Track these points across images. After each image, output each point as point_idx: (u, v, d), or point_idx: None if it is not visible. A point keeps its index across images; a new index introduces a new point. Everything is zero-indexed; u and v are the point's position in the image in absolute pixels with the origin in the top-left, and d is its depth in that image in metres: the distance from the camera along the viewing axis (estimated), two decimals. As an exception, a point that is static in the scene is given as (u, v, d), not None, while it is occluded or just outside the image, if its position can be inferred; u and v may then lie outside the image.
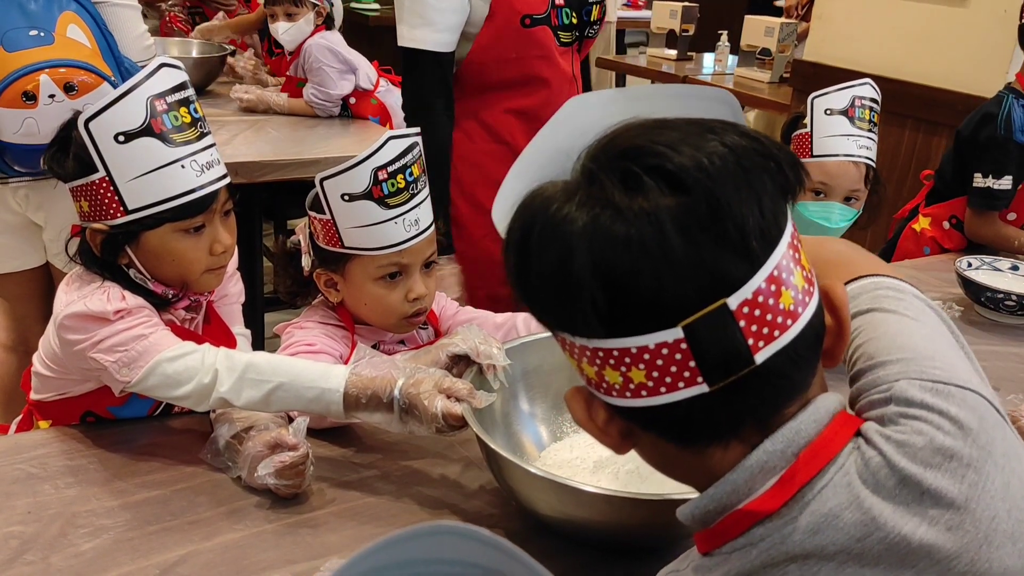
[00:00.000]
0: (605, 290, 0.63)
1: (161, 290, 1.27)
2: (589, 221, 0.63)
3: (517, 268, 0.69)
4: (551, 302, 0.68)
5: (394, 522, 1.15)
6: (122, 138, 1.17)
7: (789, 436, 0.66)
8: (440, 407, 1.11)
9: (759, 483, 0.67)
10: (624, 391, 0.67)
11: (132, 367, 1.18)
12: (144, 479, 1.20)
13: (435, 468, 1.27)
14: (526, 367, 1.29)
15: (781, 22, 4.27)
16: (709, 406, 0.65)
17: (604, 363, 0.66)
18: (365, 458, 1.28)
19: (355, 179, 1.31)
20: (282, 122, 3.12)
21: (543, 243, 0.66)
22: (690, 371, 0.63)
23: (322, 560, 1.07)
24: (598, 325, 0.64)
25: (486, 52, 1.96)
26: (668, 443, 0.69)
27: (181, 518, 1.13)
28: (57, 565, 1.04)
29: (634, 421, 0.69)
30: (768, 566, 0.65)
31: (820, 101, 2.00)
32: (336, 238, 1.36)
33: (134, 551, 1.07)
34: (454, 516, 1.17)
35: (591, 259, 0.63)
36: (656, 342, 0.63)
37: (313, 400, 1.16)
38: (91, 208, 1.21)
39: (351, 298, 1.43)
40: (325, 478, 1.23)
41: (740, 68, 4.45)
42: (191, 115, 1.22)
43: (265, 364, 1.18)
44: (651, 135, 0.65)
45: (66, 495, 1.16)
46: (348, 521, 1.15)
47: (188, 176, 1.21)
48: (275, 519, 1.14)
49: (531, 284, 0.68)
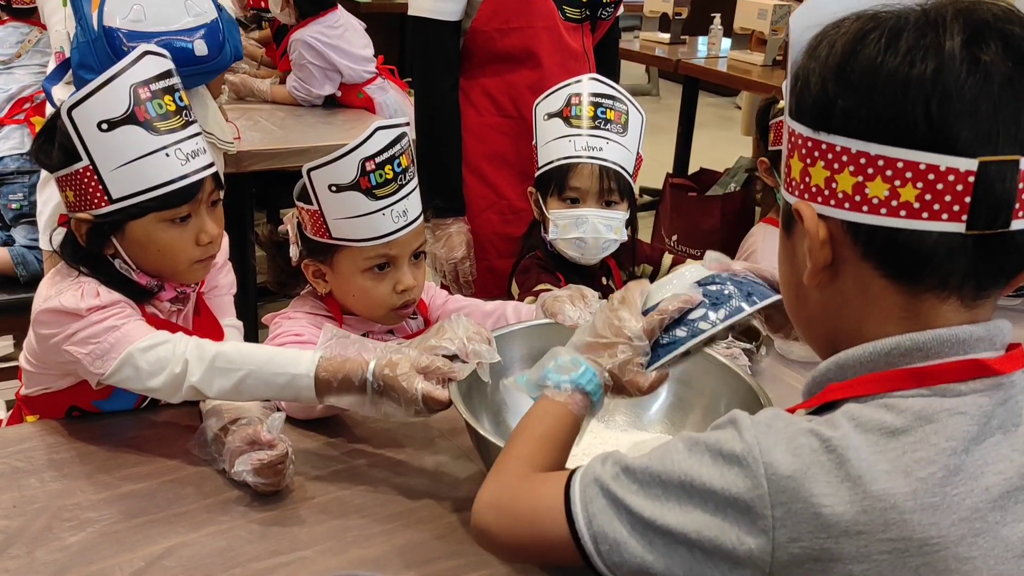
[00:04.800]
0: (939, 103, 0.66)
1: (146, 281, 1.26)
2: (957, 46, 0.67)
3: (843, 58, 0.71)
4: (870, 96, 0.69)
5: (381, 512, 1.14)
6: (105, 126, 1.16)
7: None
8: (420, 388, 1.09)
9: (983, 347, 0.72)
10: (881, 207, 0.69)
11: (105, 359, 1.17)
12: (129, 472, 1.20)
13: (423, 458, 1.27)
14: (515, 355, 1.28)
15: (774, 4, 4.25)
16: (955, 249, 0.69)
17: (878, 173, 0.69)
18: (352, 448, 1.28)
19: (343, 170, 1.30)
20: (272, 111, 3.11)
21: (889, 45, 0.69)
22: (960, 206, 0.67)
23: (308, 551, 1.07)
24: (909, 129, 0.67)
25: (489, 21, 1.98)
26: (882, 278, 0.72)
27: (167, 510, 1.12)
28: (42, 559, 1.03)
29: (862, 246, 0.72)
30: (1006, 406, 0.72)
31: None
32: (324, 229, 1.35)
33: (119, 544, 1.06)
34: (441, 505, 1.16)
35: (942, 71, 0.66)
36: (948, 165, 0.66)
37: (284, 386, 1.14)
38: (76, 198, 1.20)
39: (339, 289, 1.42)
40: (312, 469, 1.22)
41: (733, 51, 4.43)
42: (176, 103, 1.21)
43: (235, 352, 1.16)
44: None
45: (51, 488, 1.15)
46: (335, 512, 1.14)
47: (173, 165, 1.19)
48: (261, 510, 1.14)
49: (854, 75, 0.70)
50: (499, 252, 2.08)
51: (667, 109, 6.39)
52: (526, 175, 2.03)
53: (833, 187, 0.71)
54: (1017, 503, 0.70)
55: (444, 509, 1.16)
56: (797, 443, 0.71)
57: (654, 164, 3.00)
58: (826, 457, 0.69)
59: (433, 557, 1.07)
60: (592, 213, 1.70)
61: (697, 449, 0.75)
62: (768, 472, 0.70)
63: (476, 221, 2.07)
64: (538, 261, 1.80)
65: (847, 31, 0.72)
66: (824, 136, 0.72)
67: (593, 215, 1.70)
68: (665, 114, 5.99)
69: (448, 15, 1.95)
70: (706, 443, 0.75)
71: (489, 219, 2.08)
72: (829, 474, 0.69)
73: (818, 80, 0.72)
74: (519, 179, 2.04)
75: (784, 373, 1.56)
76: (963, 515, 0.68)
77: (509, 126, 2.06)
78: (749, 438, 0.72)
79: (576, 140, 1.70)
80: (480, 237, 2.07)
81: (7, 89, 2.70)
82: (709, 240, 3.51)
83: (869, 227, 0.70)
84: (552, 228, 1.73)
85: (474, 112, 2.06)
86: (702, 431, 1.05)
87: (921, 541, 0.67)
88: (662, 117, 5.69)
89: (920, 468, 0.68)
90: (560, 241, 1.74)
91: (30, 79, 2.74)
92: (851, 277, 0.74)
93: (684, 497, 0.74)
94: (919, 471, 0.68)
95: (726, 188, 3.72)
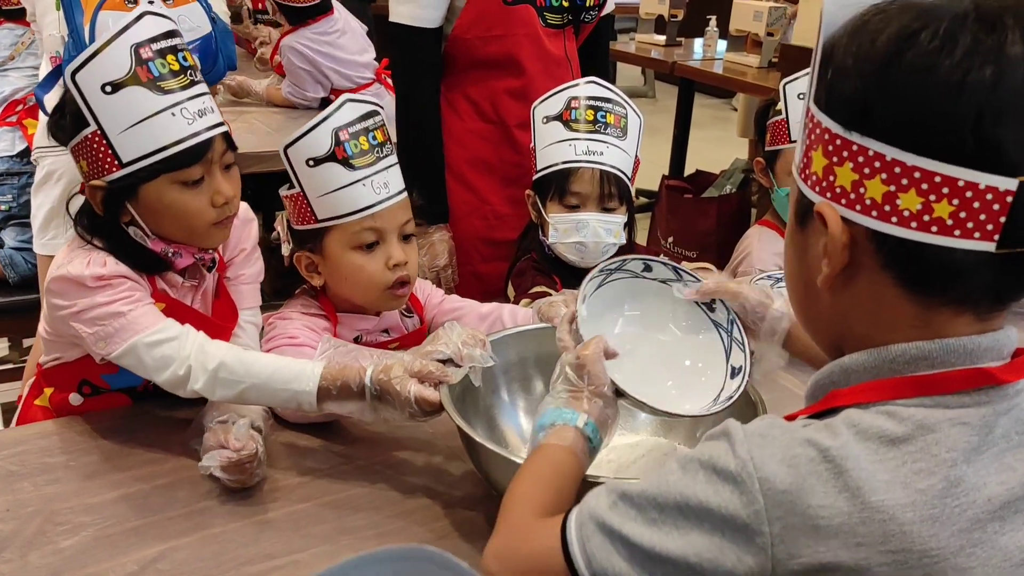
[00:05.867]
0: (994, 117, 0.62)
1: (161, 248, 1.25)
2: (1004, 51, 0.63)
3: (887, 56, 0.66)
4: (915, 102, 0.65)
5: (376, 515, 1.14)
6: (109, 88, 1.15)
7: None
8: (413, 391, 1.10)
9: (989, 357, 0.70)
10: (912, 220, 0.66)
11: (109, 342, 1.18)
12: (123, 475, 1.20)
13: (418, 459, 1.27)
14: (509, 359, 1.28)
15: (770, 6, 4.25)
16: (980, 265, 0.66)
17: (913, 185, 0.65)
18: (346, 450, 1.28)
19: (317, 141, 1.32)
20: (267, 114, 3.11)
21: (943, 47, 0.64)
22: (994, 225, 0.64)
23: (302, 554, 1.06)
24: (955, 143, 0.64)
25: (470, 29, 1.98)
26: (899, 287, 0.70)
27: (160, 514, 1.12)
28: (36, 563, 1.03)
29: (885, 255, 0.69)
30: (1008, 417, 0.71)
31: (792, 86, 1.99)
32: (309, 212, 1.36)
33: (113, 547, 1.06)
34: (436, 506, 1.16)
35: (1002, 80, 0.62)
36: (988, 184, 0.64)
37: (287, 400, 1.17)
38: (89, 166, 1.20)
39: (332, 276, 1.42)
40: (307, 471, 1.22)
41: (729, 53, 4.43)
42: (180, 63, 1.20)
43: (238, 364, 1.17)
44: None
45: (45, 492, 1.15)
46: (329, 514, 1.14)
47: (180, 124, 1.18)
48: (255, 514, 1.13)
49: (899, 77, 0.66)
50: (483, 257, 2.08)
51: (663, 111, 6.39)
52: (508, 180, 2.03)
53: (861, 192, 0.68)
54: (1017, 513, 0.69)
55: (439, 511, 1.16)
56: (793, 453, 0.69)
57: (650, 166, 3.00)
58: (824, 467, 0.68)
59: (427, 560, 1.07)
60: (592, 217, 1.70)
61: (691, 467, 0.73)
62: (764, 488, 0.68)
63: (459, 226, 2.07)
64: (534, 263, 1.80)
65: (893, 23, 0.66)
66: (856, 137, 0.68)
67: (594, 219, 1.70)
68: (661, 116, 5.99)
69: (428, 22, 1.95)
70: (699, 460, 0.73)
71: (472, 224, 2.08)
72: (827, 484, 0.67)
73: (856, 75, 0.68)
74: (501, 184, 2.05)
75: (780, 376, 1.55)
76: (963, 526, 0.67)
77: (491, 132, 2.06)
78: (742, 452, 0.70)
79: (576, 144, 1.70)
80: (464, 242, 2.07)
81: (0, 92, 2.70)
82: (705, 242, 3.51)
83: (895, 238, 0.67)
84: (552, 232, 1.73)
85: (456, 118, 2.06)
86: (693, 433, 1.04)
87: (921, 553, 0.66)
88: (658, 119, 5.69)
89: (920, 479, 0.67)
90: (560, 245, 1.74)
91: (23, 81, 2.74)
92: (866, 283, 0.72)
93: (681, 519, 0.72)
94: (919, 483, 0.67)
95: (722, 190, 3.72)
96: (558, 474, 0.91)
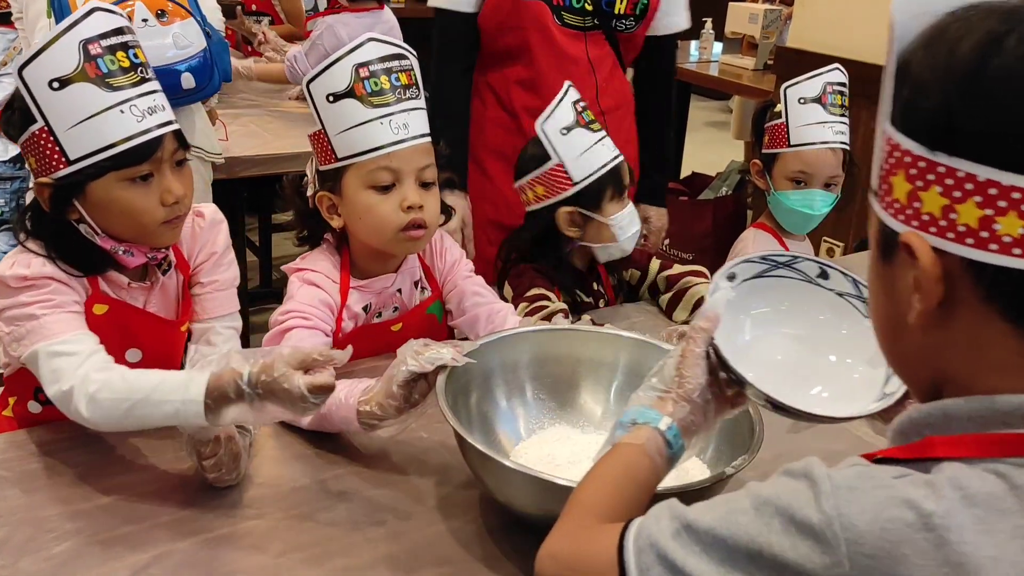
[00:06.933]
0: None
1: (110, 245, 1.24)
2: None
3: (971, 66, 0.61)
4: (1008, 114, 0.59)
5: (367, 520, 1.14)
6: (56, 84, 1.13)
7: None
8: (302, 383, 1.04)
9: None
10: (1014, 247, 0.59)
11: (19, 344, 1.17)
12: (114, 481, 1.19)
13: (412, 464, 1.26)
14: (503, 361, 1.28)
15: (765, 8, 4.26)
16: None
17: (1012, 207, 0.59)
18: (340, 456, 1.27)
19: (337, 76, 1.33)
20: (265, 117, 3.11)
21: None
22: None
23: (293, 559, 1.06)
24: None
25: (489, 18, 2.04)
26: (1004, 322, 0.63)
27: (151, 519, 1.12)
28: (27, 570, 1.03)
29: (986, 288, 0.62)
30: None
31: (793, 90, 2.00)
32: (329, 150, 1.38)
33: (105, 553, 1.06)
34: (428, 513, 1.16)
35: None
36: None
37: (173, 415, 1.09)
38: (37, 163, 1.18)
39: (349, 216, 1.43)
40: (299, 477, 1.22)
41: (725, 55, 4.44)
42: (130, 60, 1.18)
43: (120, 382, 1.12)
44: None
45: (35, 499, 1.15)
46: (321, 520, 1.14)
47: (128, 122, 1.17)
48: (246, 519, 1.13)
49: (986, 87, 0.60)
50: (489, 240, 2.12)
51: (659, 113, 6.39)
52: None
53: (952, 218, 0.61)
54: None
55: (431, 517, 1.15)
56: (888, 515, 0.61)
57: (645, 168, 3.00)
58: (922, 536, 0.60)
59: (419, 566, 1.06)
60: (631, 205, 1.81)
61: (766, 511, 0.66)
62: (851, 551, 0.61)
63: (472, 209, 2.12)
64: (533, 267, 1.80)
65: (975, 30, 0.61)
66: (942, 158, 0.61)
67: (631, 206, 1.81)
68: (657, 118, 5.99)
69: (461, 6, 2.03)
70: (776, 505, 0.66)
71: (483, 208, 2.13)
72: (925, 556, 0.60)
73: (937, 90, 0.62)
74: (511, 173, 2.08)
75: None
76: None
77: (506, 120, 2.12)
78: (828, 508, 0.63)
79: (604, 144, 1.75)
80: (473, 226, 2.12)
81: None
82: (701, 244, 3.51)
83: (996, 267, 0.61)
84: (617, 231, 1.75)
85: (479, 104, 2.13)
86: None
87: None
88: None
89: None
90: (624, 241, 1.77)
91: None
92: (965, 318, 0.64)
93: (752, 568, 0.65)
94: None
95: (718, 192, 3.72)
96: (629, 477, 0.85)
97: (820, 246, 3.51)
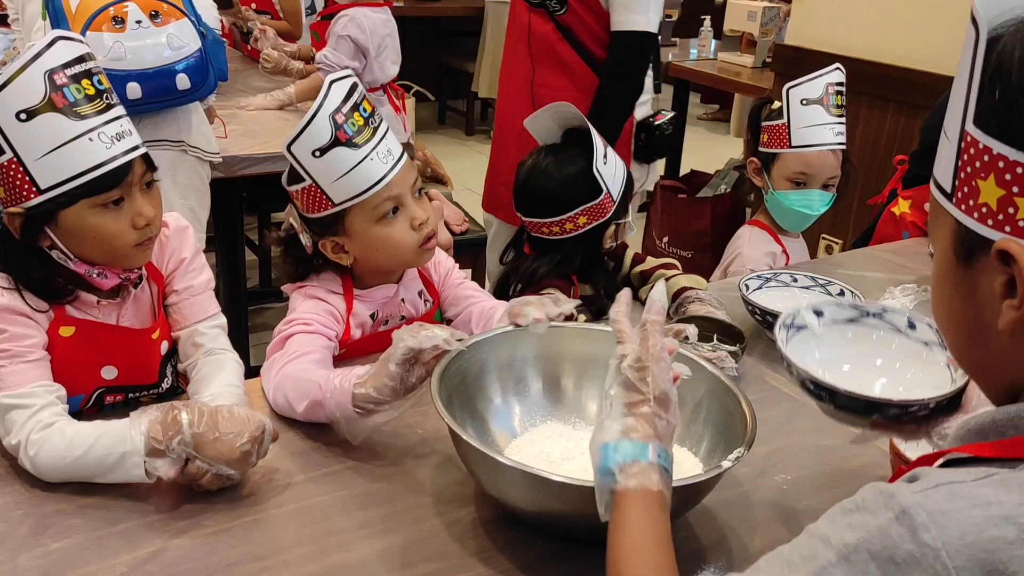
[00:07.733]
0: None
1: (84, 269, 1.25)
2: None
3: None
4: None
5: (363, 516, 1.15)
6: (24, 116, 1.14)
7: None
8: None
9: None
10: None
11: None
12: (113, 477, 1.20)
13: (405, 461, 1.27)
14: (498, 359, 1.28)
15: (763, 6, 4.26)
16: None
17: None
18: (337, 451, 1.28)
19: (317, 132, 1.34)
20: (263, 116, 3.11)
21: None
22: None
23: (290, 555, 1.07)
24: None
25: None
26: None
27: (150, 516, 1.12)
28: (26, 565, 1.03)
29: None
30: None
31: (795, 91, 2.00)
32: (325, 200, 1.38)
33: (103, 549, 1.06)
34: (423, 509, 1.17)
35: None
36: None
37: (113, 466, 1.13)
38: (7, 193, 1.19)
39: (362, 251, 1.45)
40: (295, 473, 1.23)
41: (723, 53, 4.44)
42: (95, 87, 1.19)
43: (59, 439, 1.15)
44: None
45: (34, 494, 1.15)
46: (317, 516, 1.15)
47: (97, 149, 1.18)
48: (244, 515, 1.14)
49: None
50: (505, 183, 2.32)
51: (659, 111, 6.39)
52: None
53: None
54: None
55: (426, 512, 1.16)
56: (989, 536, 0.58)
57: (643, 166, 3.00)
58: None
59: (414, 560, 1.07)
60: None
61: (858, 559, 0.61)
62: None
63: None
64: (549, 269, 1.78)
65: None
66: None
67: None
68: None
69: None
70: (869, 551, 0.61)
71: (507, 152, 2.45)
72: None
73: None
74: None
75: (766, 374, 1.56)
76: None
77: None
78: (930, 539, 0.59)
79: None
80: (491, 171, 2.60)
81: None
82: (699, 242, 3.52)
83: None
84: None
85: None
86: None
87: None
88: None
89: None
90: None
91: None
92: None
93: None
94: None
95: (716, 190, 3.73)
96: (657, 537, 0.80)
97: (819, 243, 3.51)
